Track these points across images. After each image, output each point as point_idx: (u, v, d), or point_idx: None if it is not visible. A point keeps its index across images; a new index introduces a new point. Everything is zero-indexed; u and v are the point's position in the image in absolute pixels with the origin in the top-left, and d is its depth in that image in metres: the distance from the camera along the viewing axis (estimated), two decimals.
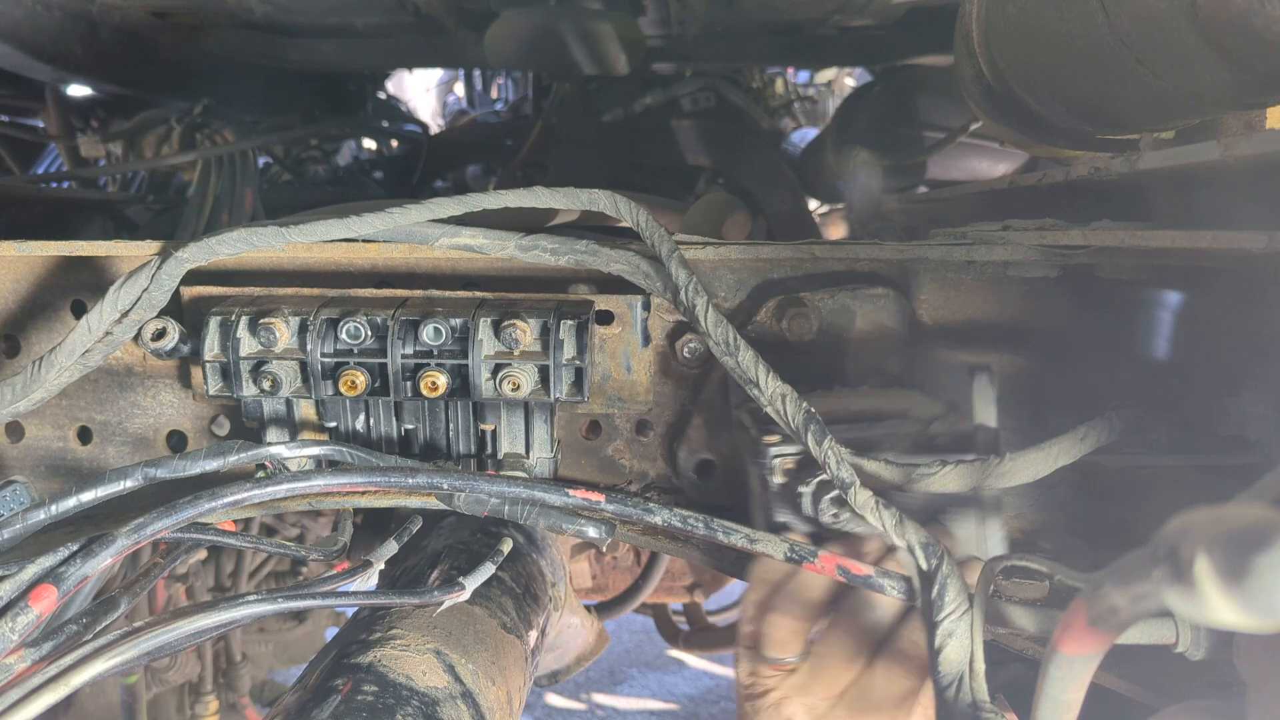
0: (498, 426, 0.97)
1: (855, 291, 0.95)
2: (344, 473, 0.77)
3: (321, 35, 2.27)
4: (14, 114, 2.62)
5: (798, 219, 2.40)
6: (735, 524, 0.78)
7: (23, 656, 0.65)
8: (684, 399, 1.02)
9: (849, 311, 0.96)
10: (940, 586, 0.71)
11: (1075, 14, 0.83)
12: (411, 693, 0.80)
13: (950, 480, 0.78)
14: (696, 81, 2.65)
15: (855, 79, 3.75)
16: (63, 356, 0.86)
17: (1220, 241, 0.72)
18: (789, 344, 0.95)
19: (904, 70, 2.38)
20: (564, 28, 1.95)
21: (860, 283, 0.96)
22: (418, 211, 0.91)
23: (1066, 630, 0.54)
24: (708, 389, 0.99)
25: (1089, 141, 1.11)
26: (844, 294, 0.95)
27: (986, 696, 0.69)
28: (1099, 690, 0.66)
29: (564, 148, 2.56)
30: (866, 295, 0.95)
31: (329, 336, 0.92)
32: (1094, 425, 0.81)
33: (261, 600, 0.74)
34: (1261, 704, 0.62)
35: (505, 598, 1.01)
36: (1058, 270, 0.94)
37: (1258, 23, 0.64)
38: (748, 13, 2.06)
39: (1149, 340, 0.95)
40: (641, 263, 0.92)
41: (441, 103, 4.99)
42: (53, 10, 1.84)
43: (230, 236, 0.89)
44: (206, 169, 2.25)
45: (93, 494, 0.73)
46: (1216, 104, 0.82)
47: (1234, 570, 0.35)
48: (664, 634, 2.64)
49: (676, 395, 1.02)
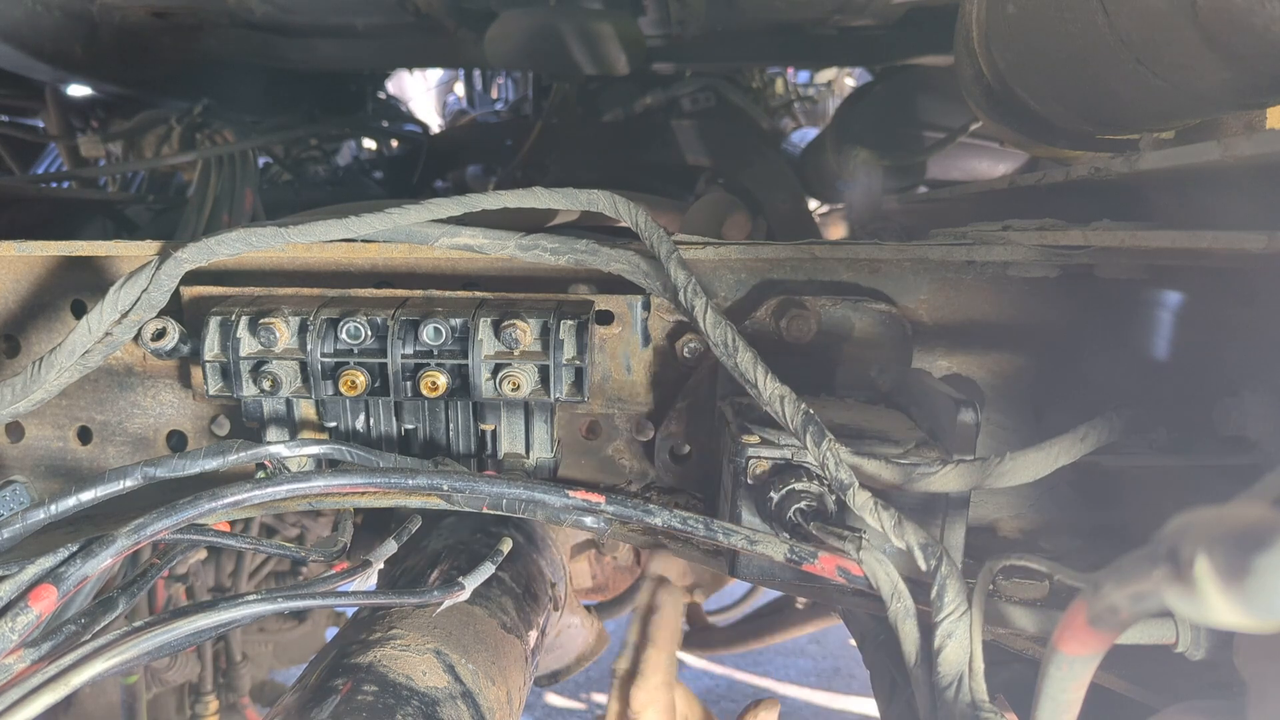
0: (498, 426, 0.97)
1: (858, 304, 0.95)
2: (344, 473, 0.77)
3: (321, 35, 2.27)
4: (14, 114, 2.62)
5: (798, 219, 2.40)
6: (735, 525, 0.78)
7: (22, 656, 0.65)
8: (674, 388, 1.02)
9: (848, 322, 0.96)
10: (939, 587, 0.71)
11: (1075, 14, 0.83)
12: (411, 693, 0.80)
13: (950, 480, 0.78)
14: (696, 81, 2.65)
15: (855, 79, 3.75)
16: (63, 357, 0.86)
17: (1220, 241, 0.72)
18: (784, 344, 0.95)
19: (904, 70, 2.38)
20: (564, 28, 1.95)
21: (864, 296, 0.96)
22: (417, 211, 0.91)
23: (1066, 630, 0.54)
24: (697, 376, 0.99)
25: (1089, 141, 1.11)
26: (846, 304, 0.95)
27: (986, 696, 0.69)
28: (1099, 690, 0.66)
29: (564, 148, 2.56)
30: (868, 309, 0.95)
31: (329, 336, 0.92)
32: (1094, 425, 0.81)
33: (261, 600, 0.74)
34: (1261, 704, 0.62)
35: (505, 598, 1.01)
36: (1058, 270, 0.94)
37: (1258, 23, 0.64)
38: (748, 13, 2.05)
39: (1149, 340, 0.95)
40: (641, 262, 0.92)
41: (441, 103, 4.99)
42: (53, 10, 1.84)
43: (230, 237, 0.89)
44: (206, 169, 2.25)
45: (92, 494, 0.73)
46: (1216, 104, 0.82)
47: (1234, 570, 0.35)
48: None
49: (670, 387, 1.02)
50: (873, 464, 0.78)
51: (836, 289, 0.98)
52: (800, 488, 0.79)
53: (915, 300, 0.98)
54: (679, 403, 1.00)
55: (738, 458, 0.83)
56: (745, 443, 0.83)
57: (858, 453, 0.78)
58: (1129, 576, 0.44)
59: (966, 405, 0.81)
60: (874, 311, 0.95)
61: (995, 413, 0.98)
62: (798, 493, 0.79)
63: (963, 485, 0.78)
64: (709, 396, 0.99)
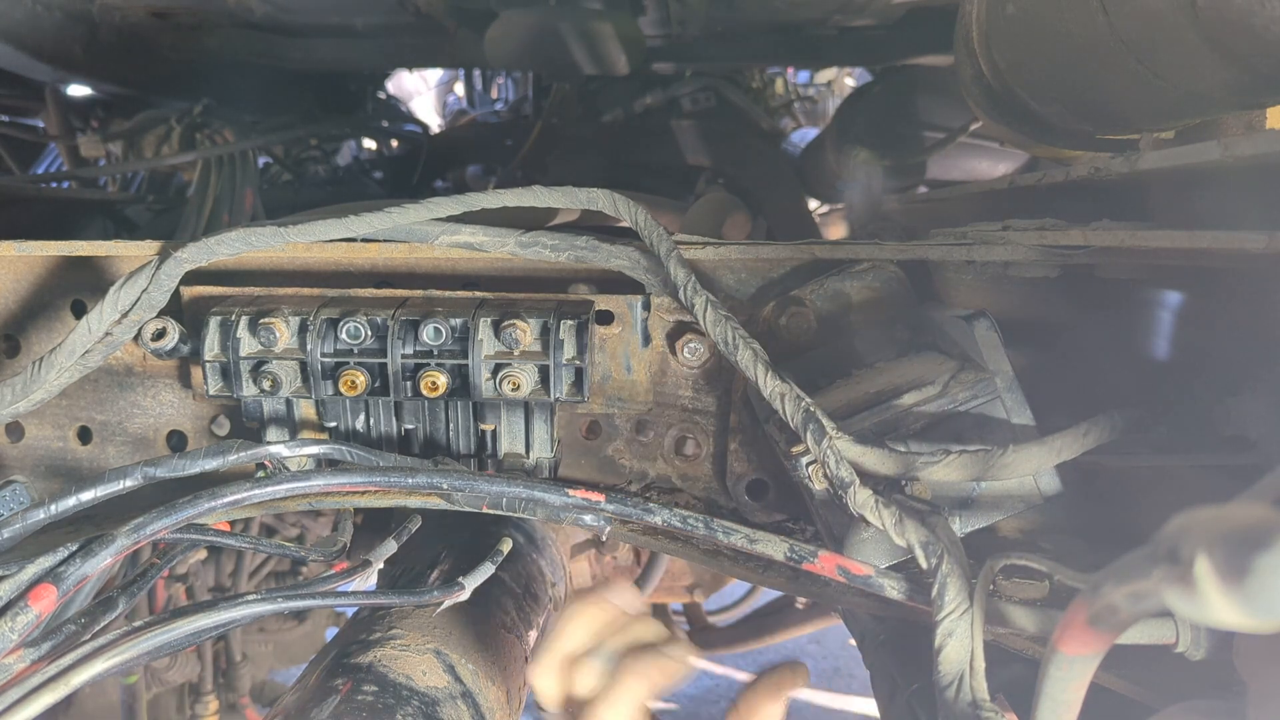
0: (498, 426, 0.97)
1: (842, 274, 0.95)
2: (344, 473, 0.77)
3: (321, 35, 2.27)
4: (14, 114, 2.62)
5: (798, 219, 2.40)
6: (734, 524, 0.78)
7: (22, 656, 0.65)
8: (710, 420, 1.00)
9: (843, 295, 0.96)
10: (940, 586, 0.71)
11: (1075, 14, 0.83)
12: (411, 693, 0.80)
13: (952, 470, 0.78)
14: (696, 81, 2.65)
15: (855, 79, 3.75)
16: (63, 357, 0.86)
17: (1220, 241, 0.72)
18: (797, 343, 0.95)
19: (904, 70, 2.38)
20: (564, 28, 1.95)
21: (844, 264, 0.96)
22: (417, 211, 0.91)
23: (1066, 630, 0.54)
24: (734, 410, 0.98)
25: (1089, 141, 1.11)
26: (832, 280, 0.95)
27: (986, 696, 0.69)
28: (1099, 690, 0.66)
29: (564, 148, 2.56)
30: (854, 274, 0.95)
31: (329, 336, 0.92)
32: (1096, 422, 0.81)
33: (261, 600, 0.74)
34: (1261, 704, 0.62)
35: (505, 598, 1.01)
36: (1058, 270, 0.94)
37: (1258, 23, 0.64)
38: (748, 13, 2.05)
39: (1149, 340, 0.95)
40: (642, 258, 0.92)
41: (441, 103, 4.99)
42: (53, 10, 1.84)
43: (230, 237, 0.89)
44: (206, 169, 2.25)
45: (92, 494, 0.73)
46: (1216, 104, 0.82)
47: (1234, 570, 0.35)
48: None
49: (680, 399, 1.02)
50: (875, 455, 0.78)
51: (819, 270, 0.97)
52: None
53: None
54: (731, 443, 0.99)
55: (796, 473, 0.82)
56: (795, 453, 0.81)
57: (860, 441, 0.77)
58: (1129, 576, 0.44)
59: (978, 317, 0.81)
60: (860, 273, 0.95)
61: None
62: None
63: (964, 475, 0.78)
64: (754, 423, 0.98)
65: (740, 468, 0.99)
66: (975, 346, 0.82)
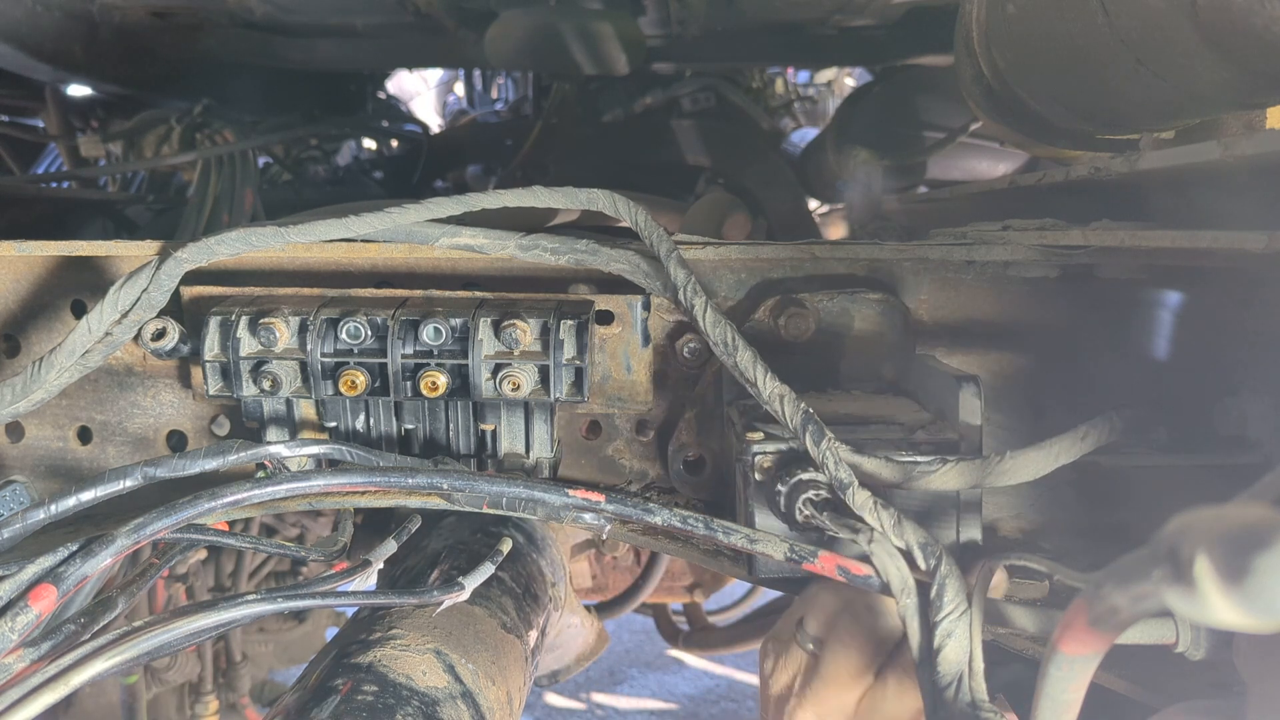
0: (498, 426, 0.97)
1: (854, 295, 0.95)
2: (344, 473, 0.77)
3: (321, 35, 2.27)
4: (14, 114, 2.62)
5: (798, 219, 2.41)
6: (735, 524, 0.78)
7: (22, 656, 0.65)
8: (682, 397, 1.01)
9: (847, 314, 0.96)
10: (939, 586, 0.71)
11: (1075, 14, 0.83)
12: (411, 693, 0.80)
13: (950, 478, 0.78)
14: (696, 81, 2.65)
15: (855, 79, 3.76)
16: (63, 357, 0.86)
17: (1220, 241, 0.72)
18: (785, 343, 0.95)
19: (904, 70, 2.38)
20: (564, 28, 1.95)
21: (860, 286, 0.96)
22: (417, 211, 0.91)
23: (1066, 630, 0.54)
24: (702, 384, 0.99)
25: (1089, 141, 1.11)
26: (843, 297, 0.95)
27: (986, 696, 0.69)
28: (1099, 690, 0.66)
29: (564, 148, 2.56)
30: (865, 299, 0.95)
31: (329, 336, 0.92)
32: (1094, 424, 0.81)
33: (261, 600, 0.74)
34: (1261, 704, 0.62)
35: (505, 598, 1.01)
36: (1058, 270, 0.94)
37: (1258, 23, 0.64)
38: (748, 13, 2.05)
39: (1149, 340, 0.95)
40: (642, 262, 0.92)
41: (441, 103, 4.99)
42: (53, 10, 1.84)
43: (230, 237, 0.89)
44: (206, 169, 2.25)
45: (92, 494, 0.73)
46: (1216, 104, 0.82)
47: (1234, 570, 0.35)
48: (664, 634, 2.64)
49: (676, 395, 1.02)
50: (872, 462, 0.78)
51: (834, 282, 0.97)
52: (807, 477, 0.78)
53: (915, 300, 0.98)
54: (687, 412, 1.00)
55: (744, 456, 0.83)
56: (750, 440, 0.83)
57: (858, 450, 0.78)
58: (1129, 576, 0.44)
59: (969, 381, 0.81)
60: (871, 301, 0.95)
61: (995, 413, 0.98)
62: (805, 483, 0.78)
63: (963, 483, 0.78)
64: (716, 403, 0.99)
65: (687, 438, 1.00)
66: (954, 406, 0.82)
